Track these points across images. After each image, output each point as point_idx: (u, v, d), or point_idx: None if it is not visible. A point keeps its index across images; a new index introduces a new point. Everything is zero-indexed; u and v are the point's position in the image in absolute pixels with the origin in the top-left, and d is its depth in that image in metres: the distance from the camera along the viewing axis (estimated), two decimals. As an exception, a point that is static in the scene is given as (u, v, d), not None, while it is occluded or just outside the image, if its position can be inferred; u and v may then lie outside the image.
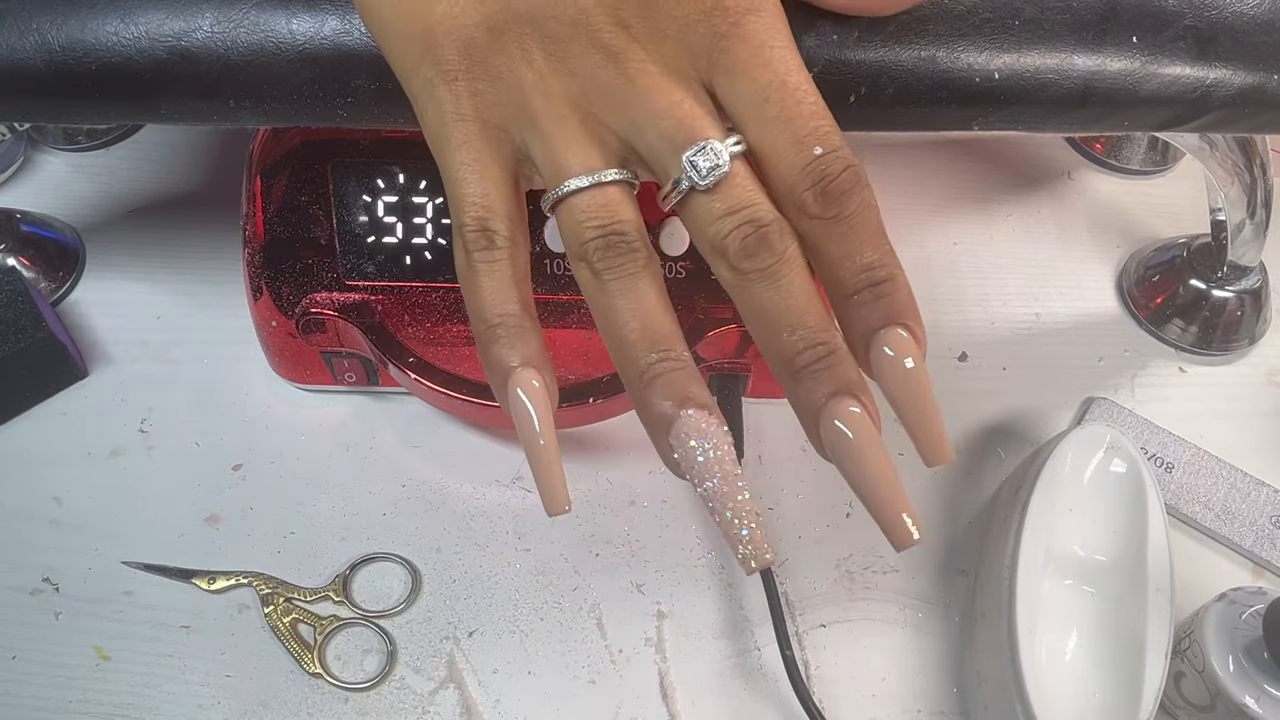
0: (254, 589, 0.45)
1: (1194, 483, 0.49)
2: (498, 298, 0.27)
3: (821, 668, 0.45)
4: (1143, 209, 0.61)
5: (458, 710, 0.43)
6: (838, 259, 0.26)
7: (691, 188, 0.26)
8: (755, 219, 0.25)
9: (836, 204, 0.25)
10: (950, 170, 0.63)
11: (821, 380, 0.25)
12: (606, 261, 0.26)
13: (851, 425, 0.25)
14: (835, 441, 0.25)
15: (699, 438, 0.25)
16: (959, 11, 0.32)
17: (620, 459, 0.50)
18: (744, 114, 0.26)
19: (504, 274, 0.27)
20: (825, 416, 0.25)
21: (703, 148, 0.25)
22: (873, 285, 0.25)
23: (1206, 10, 0.33)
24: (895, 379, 0.25)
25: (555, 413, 0.27)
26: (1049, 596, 0.42)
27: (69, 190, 0.59)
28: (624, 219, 0.26)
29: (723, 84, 0.26)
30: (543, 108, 0.26)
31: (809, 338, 0.25)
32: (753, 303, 0.26)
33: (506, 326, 0.27)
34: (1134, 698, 0.38)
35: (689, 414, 0.25)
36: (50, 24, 0.31)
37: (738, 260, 0.25)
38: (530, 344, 0.27)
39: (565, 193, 0.26)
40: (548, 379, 0.27)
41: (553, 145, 0.26)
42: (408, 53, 0.27)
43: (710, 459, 0.25)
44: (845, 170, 0.25)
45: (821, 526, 0.48)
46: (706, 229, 0.26)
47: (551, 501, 0.27)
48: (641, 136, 0.26)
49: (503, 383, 0.27)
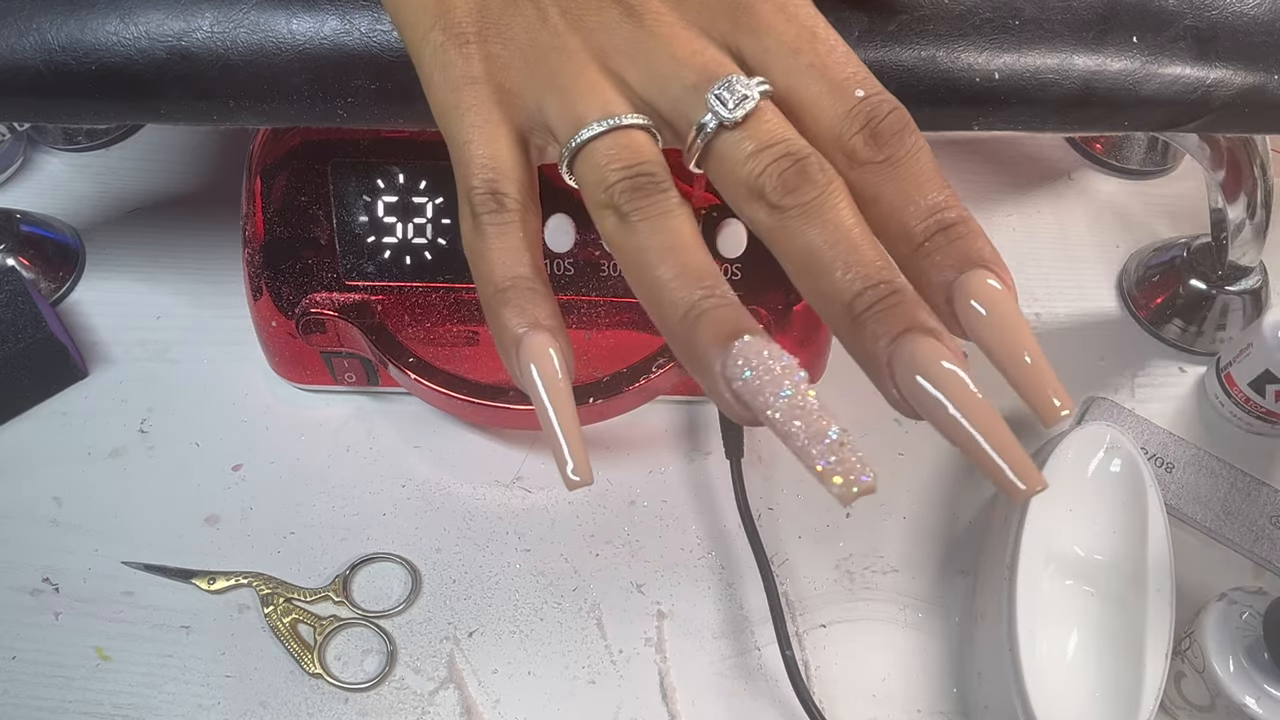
0: (254, 589, 0.45)
1: (1194, 482, 0.49)
2: (507, 260, 0.25)
3: (821, 668, 0.45)
4: (1143, 209, 0.61)
5: (458, 710, 0.43)
6: (899, 205, 0.23)
7: (719, 125, 0.23)
8: (792, 151, 0.23)
9: (889, 145, 0.23)
10: (950, 170, 0.63)
11: (887, 322, 0.21)
12: (635, 203, 0.23)
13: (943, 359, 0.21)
14: (916, 393, 0.21)
15: (758, 362, 0.21)
16: (959, 11, 0.32)
17: (620, 459, 0.50)
18: (775, 67, 0.24)
19: (515, 236, 0.25)
20: (901, 364, 0.21)
21: (728, 81, 0.23)
22: (945, 228, 0.22)
23: (1207, 10, 0.33)
24: (990, 329, 0.22)
25: (571, 377, 0.25)
26: (1049, 596, 0.42)
27: (69, 190, 0.59)
28: (650, 159, 0.24)
29: (749, 42, 0.25)
30: (559, 64, 0.25)
31: (868, 275, 0.22)
32: (796, 244, 0.23)
33: (517, 289, 0.25)
34: (1134, 698, 0.38)
35: (745, 340, 0.22)
36: (50, 24, 0.31)
37: (777, 197, 0.22)
38: (542, 307, 0.25)
39: (584, 139, 0.24)
40: (562, 343, 0.25)
41: (569, 98, 0.25)
42: (419, 21, 0.26)
43: (777, 374, 0.21)
44: (892, 111, 0.23)
45: (821, 526, 0.48)
46: (738, 170, 0.23)
47: (572, 471, 0.23)
48: (663, 88, 0.24)
49: (514, 348, 0.24)
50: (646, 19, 0.25)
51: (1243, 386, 0.50)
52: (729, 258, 0.44)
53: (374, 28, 0.31)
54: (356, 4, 0.31)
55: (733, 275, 0.45)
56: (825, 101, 0.24)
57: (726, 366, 0.22)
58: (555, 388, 0.24)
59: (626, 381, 0.45)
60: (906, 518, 0.49)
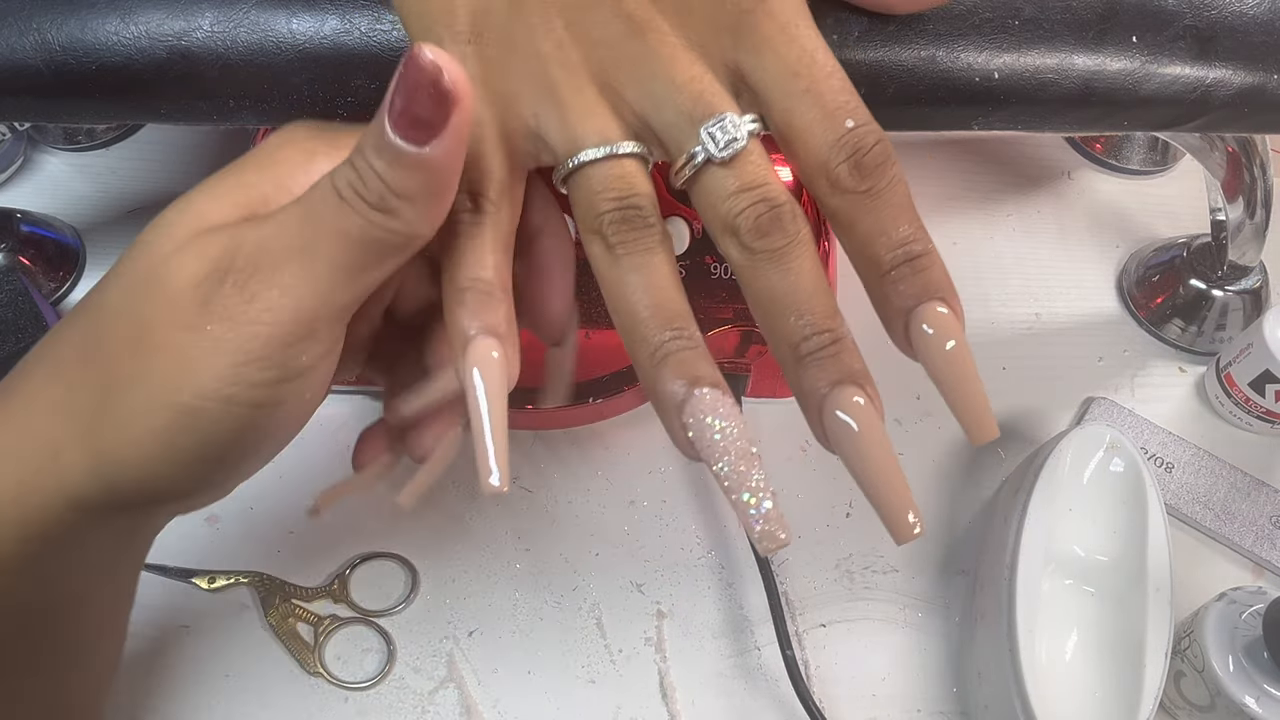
0: (254, 589, 0.45)
1: (1194, 483, 0.49)
2: (470, 261, 0.26)
3: (821, 668, 0.45)
4: (1143, 209, 0.61)
5: (457, 710, 0.43)
6: (871, 234, 0.25)
7: (707, 160, 0.25)
8: (769, 198, 0.25)
9: (871, 177, 0.25)
10: (950, 170, 0.63)
11: (826, 368, 0.25)
12: (621, 236, 0.25)
13: (855, 415, 0.24)
14: (838, 432, 0.25)
15: (713, 416, 0.25)
16: (959, 11, 0.32)
17: (620, 459, 0.50)
18: (772, 89, 0.25)
19: (482, 239, 0.26)
20: (828, 406, 0.25)
21: (721, 120, 0.25)
22: (909, 260, 0.25)
23: (1206, 10, 0.33)
24: (938, 356, 0.25)
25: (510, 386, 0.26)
26: (1049, 596, 0.42)
27: (69, 190, 0.59)
28: (640, 192, 0.26)
29: (749, 60, 0.26)
30: (561, 78, 0.26)
31: (815, 324, 0.25)
32: (760, 284, 0.25)
33: (475, 292, 0.26)
34: (1134, 698, 0.38)
35: (702, 393, 0.25)
36: (50, 24, 0.31)
37: (750, 239, 0.25)
38: (495, 312, 0.26)
39: (580, 163, 0.26)
40: (509, 350, 0.26)
41: (568, 116, 0.26)
42: (423, 19, 0.26)
43: (725, 438, 0.25)
44: (878, 143, 0.25)
45: (821, 526, 0.48)
46: (719, 205, 0.25)
47: (488, 472, 0.25)
48: (659, 110, 0.26)
49: (461, 349, 0.26)
50: (649, 37, 0.26)
51: (1243, 386, 0.50)
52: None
53: (374, 27, 0.31)
54: (357, 4, 0.31)
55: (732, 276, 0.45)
56: (817, 129, 0.25)
57: (683, 412, 0.25)
58: (493, 393, 0.25)
59: (626, 381, 0.45)
60: (906, 517, 0.49)
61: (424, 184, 0.24)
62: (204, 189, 0.26)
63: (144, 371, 0.25)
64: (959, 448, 0.51)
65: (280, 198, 0.26)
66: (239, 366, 0.24)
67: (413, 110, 0.23)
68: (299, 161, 0.27)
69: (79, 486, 0.25)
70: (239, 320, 0.24)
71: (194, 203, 0.26)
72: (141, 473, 0.25)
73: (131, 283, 0.25)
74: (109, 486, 0.25)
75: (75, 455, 0.25)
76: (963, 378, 0.25)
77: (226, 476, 0.28)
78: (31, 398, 0.26)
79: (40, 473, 0.25)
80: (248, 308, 0.24)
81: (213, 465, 0.26)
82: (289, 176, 0.27)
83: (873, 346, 0.26)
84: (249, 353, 0.24)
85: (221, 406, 0.25)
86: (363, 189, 0.24)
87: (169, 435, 0.25)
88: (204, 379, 0.24)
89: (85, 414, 0.25)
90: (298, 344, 0.25)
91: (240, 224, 0.25)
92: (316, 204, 0.25)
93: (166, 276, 0.25)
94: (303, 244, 0.24)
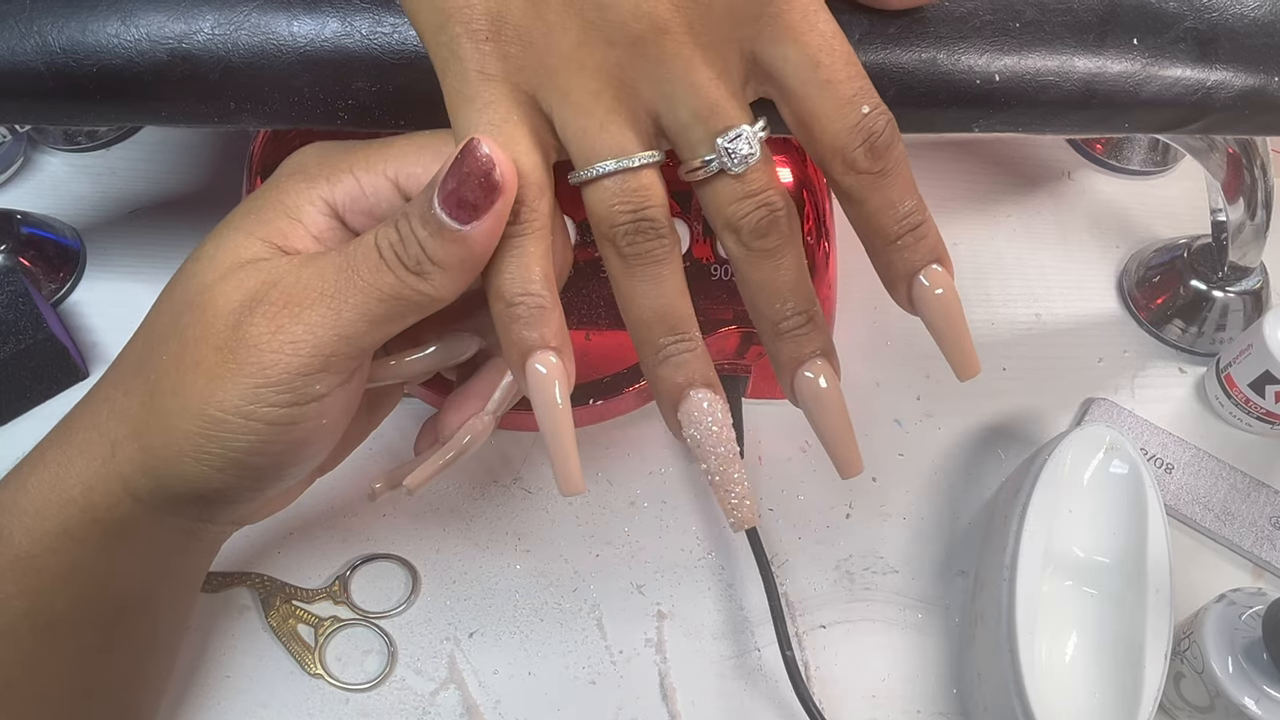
0: (254, 590, 0.45)
1: (1194, 483, 0.49)
2: (519, 275, 0.27)
3: (821, 668, 0.45)
4: (1143, 209, 0.61)
5: (458, 711, 0.43)
6: (880, 209, 0.28)
7: (721, 170, 0.27)
8: (770, 204, 0.27)
9: (883, 159, 0.27)
10: (950, 171, 0.63)
11: (800, 342, 0.28)
12: (635, 247, 0.27)
13: (820, 374, 0.28)
14: (804, 389, 0.29)
15: (707, 415, 0.28)
16: (960, 14, 0.32)
17: (620, 459, 0.50)
18: (792, 79, 0.27)
19: (528, 250, 0.27)
20: (801, 369, 0.29)
21: (739, 134, 0.27)
22: (913, 230, 0.28)
23: (1207, 12, 0.33)
24: (932, 303, 0.28)
25: (570, 391, 0.28)
26: (1049, 597, 0.42)
27: (69, 190, 0.59)
28: (654, 204, 0.27)
29: (769, 51, 0.27)
30: (577, 80, 0.26)
31: (796, 307, 0.28)
32: (754, 274, 0.28)
33: (527, 305, 0.27)
34: (1133, 698, 0.38)
35: (698, 394, 0.28)
36: (51, 26, 0.31)
37: (749, 239, 0.27)
38: (549, 324, 0.27)
39: (597, 175, 0.27)
40: (566, 362, 0.28)
41: (585, 122, 0.27)
42: (439, 9, 0.26)
43: (715, 435, 0.28)
44: (888, 125, 0.27)
45: (821, 527, 0.48)
46: (726, 207, 0.27)
47: (565, 480, 0.28)
48: (673, 111, 0.27)
49: (520, 362, 0.27)
50: (668, 43, 0.26)
51: (1243, 387, 0.50)
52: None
53: (375, 30, 0.31)
54: (357, 7, 0.31)
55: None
56: (835, 115, 0.27)
57: (680, 411, 0.29)
58: (554, 405, 0.28)
59: (627, 382, 0.45)
60: (906, 518, 0.49)
61: (460, 257, 0.26)
62: (235, 226, 0.29)
63: (182, 383, 0.28)
64: (959, 448, 0.51)
65: (294, 230, 0.29)
66: (259, 388, 0.27)
67: (461, 193, 0.25)
68: (301, 190, 0.29)
69: (132, 478, 0.29)
70: (264, 348, 0.27)
71: (227, 239, 0.29)
72: (178, 469, 0.29)
73: (179, 306, 0.29)
74: (155, 480, 0.29)
75: (129, 450, 0.29)
76: (951, 316, 0.28)
77: (256, 485, 0.30)
78: (99, 402, 0.30)
79: (104, 463, 0.29)
80: (273, 338, 0.27)
81: (239, 473, 0.29)
82: (296, 209, 0.29)
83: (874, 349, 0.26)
84: (268, 377, 0.27)
85: (242, 421, 0.28)
86: (402, 252, 0.27)
87: (199, 440, 0.28)
88: (229, 395, 0.27)
89: (136, 415, 0.29)
90: (314, 375, 0.28)
91: (277, 259, 0.28)
92: (357, 257, 0.27)
93: (209, 302, 0.28)
94: (335, 290, 0.27)
